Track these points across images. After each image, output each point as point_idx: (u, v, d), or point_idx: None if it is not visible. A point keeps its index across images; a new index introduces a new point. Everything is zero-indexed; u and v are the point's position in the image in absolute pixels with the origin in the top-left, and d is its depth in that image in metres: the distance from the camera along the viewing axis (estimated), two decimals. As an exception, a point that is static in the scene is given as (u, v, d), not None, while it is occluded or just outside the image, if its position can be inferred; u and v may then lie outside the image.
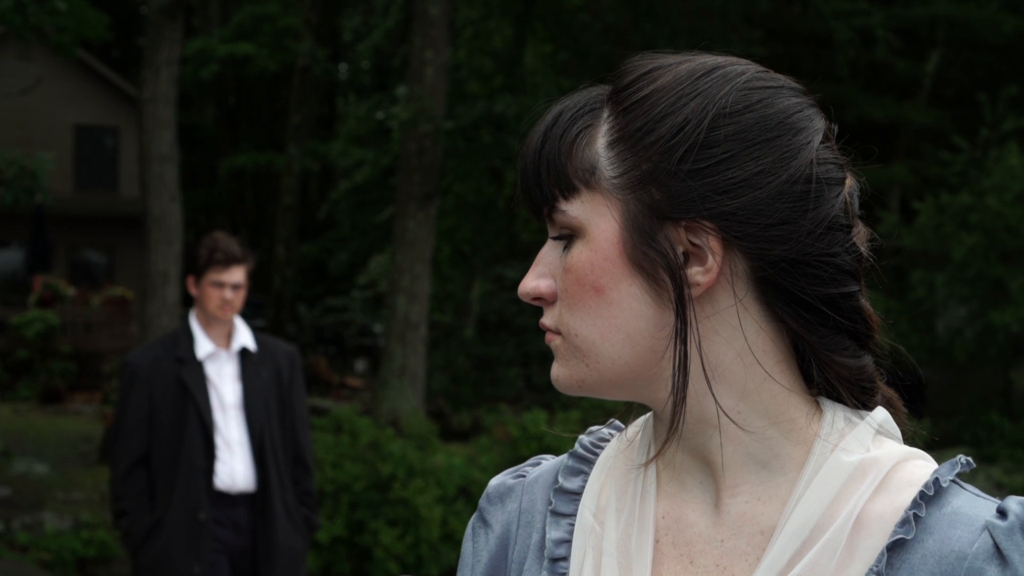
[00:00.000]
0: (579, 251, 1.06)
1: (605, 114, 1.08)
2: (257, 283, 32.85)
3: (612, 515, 1.12)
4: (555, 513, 1.16)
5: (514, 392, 18.50)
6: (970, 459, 1.07)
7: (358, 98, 25.52)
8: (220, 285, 4.66)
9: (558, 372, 1.10)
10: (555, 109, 1.10)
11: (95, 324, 19.80)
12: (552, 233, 1.10)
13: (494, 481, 1.24)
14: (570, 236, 1.08)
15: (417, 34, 14.24)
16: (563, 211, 1.07)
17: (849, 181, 1.10)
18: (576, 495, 1.16)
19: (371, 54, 25.15)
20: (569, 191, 1.07)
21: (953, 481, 1.05)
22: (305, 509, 4.91)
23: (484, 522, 1.22)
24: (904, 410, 1.13)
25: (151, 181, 12.89)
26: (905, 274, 18.05)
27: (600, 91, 1.10)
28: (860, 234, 1.09)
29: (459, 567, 1.23)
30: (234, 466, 4.70)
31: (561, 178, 1.07)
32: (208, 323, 4.76)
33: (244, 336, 4.83)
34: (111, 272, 26.99)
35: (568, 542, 1.14)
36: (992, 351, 16.84)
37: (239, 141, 31.11)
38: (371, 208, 22.13)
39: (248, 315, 25.24)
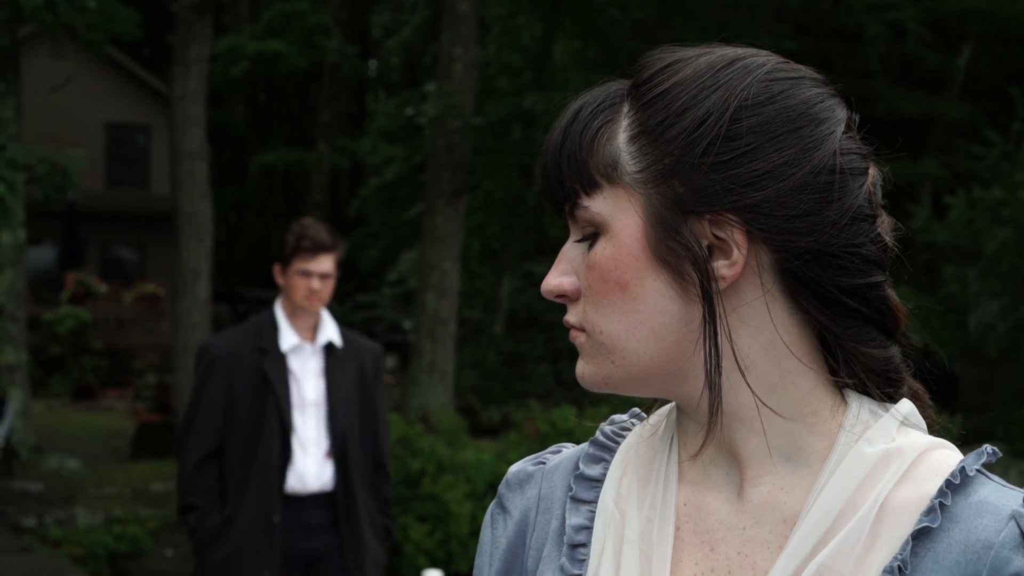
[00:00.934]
0: (602, 247, 1.06)
1: (625, 109, 1.07)
2: (287, 280, 32.84)
3: (634, 502, 1.11)
4: (575, 499, 1.16)
5: (543, 388, 18.49)
6: (996, 449, 1.07)
7: (388, 95, 25.57)
8: (307, 274, 4.38)
9: (583, 369, 1.10)
10: (574, 105, 1.10)
11: (127, 321, 19.90)
12: (574, 230, 1.10)
13: (514, 468, 1.24)
14: (593, 232, 1.07)
15: (446, 31, 14.24)
16: (585, 207, 1.07)
17: (872, 171, 1.09)
18: (597, 482, 1.16)
19: (400, 51, 25.18)
20: (591, 187, 1.06)
21: (979, 471, 1.05)
22: (383, 517, 4.65)
23: (503, 508, 1.22)
24: (930, 403, 1.13)
25: (182, 178, 12.95)
26: (937, 269, 17.94)
27: (620, 86, 1.10)
28: (884, 224, 1.09)
29: (478, 553, 1.23)
30: (306, 466, 4.42)
31: (583, 174, 1.06)
32: (294, 314, 4.47)
33: (330, 330, 4.54)
34: (142, 269, 27.13)
35: (588, 528, 1.13)
36: (1025, 347, 16.70)
37: (269, 138, 31.22)
38: (401, 205, 22.15)
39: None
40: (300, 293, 4.39)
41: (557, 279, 1.10)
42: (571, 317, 1.10)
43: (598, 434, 1.20)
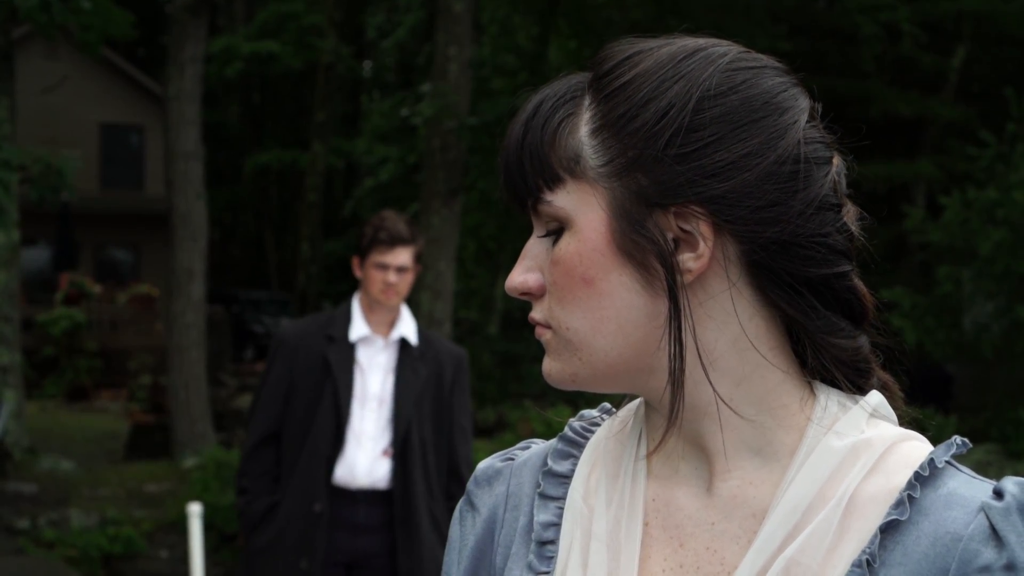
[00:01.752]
0: (567, 242, 1.05)
1: (587, 102, 1.06)
2: (282, 281, 32.69)
3: (602, 499, 1.10)
4: (543, 496, 1.14)
5: (539, 388, 18.47)
6: (966, 440, 1.06)
7: (382, 95, 25.54)
8: (383, 267, 4.28)
9: (550, 366, 1.09)
10: (535, 99, 1.09)
11: (121, 322, 19.90)
12: (537, 225, 1.09)
13: (482, 464, 1.22)
14: (557, 228, 1.06)
15: (441, 31, 14.24)
16: (548, 202, 1.05)
17: (836, 160, 1.08)
18: (565, 478, 1.14)
19: (395, 51, 25.18)
20: (554, 181, 1.05)
21: (949, 463, 1.04)
22: None
23: (471, 505, 1.21)
24: (900, 394, 1.12)
25: (176, 178, 12.94)
26: (932, 269, 17.96)
27: (580, 78, 1.09)
28: (850, 213, 1.08)
29: (446, 551, 1.21)
30: (356, 460, 4.29)
31: (545, 168, 1.05)
32: (370, 308, 4.38)
33: (407, 327, 4.42)
34: (137, 270, 27.12)
35: (556, 525, 1.12)
36: (1019, 346, 16.71)
37: (264, 139, 31.18)
38: (396, 205, 22.14)
39: (274, 312, 25.32)
40: (376, 286, 4.30)
41: (521, 276, 1.08)
42: (536, 314, 1.09)
43: (567, 430, 1.19)
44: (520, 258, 1.10)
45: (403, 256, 4.31)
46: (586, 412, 1.20)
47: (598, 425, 1.19)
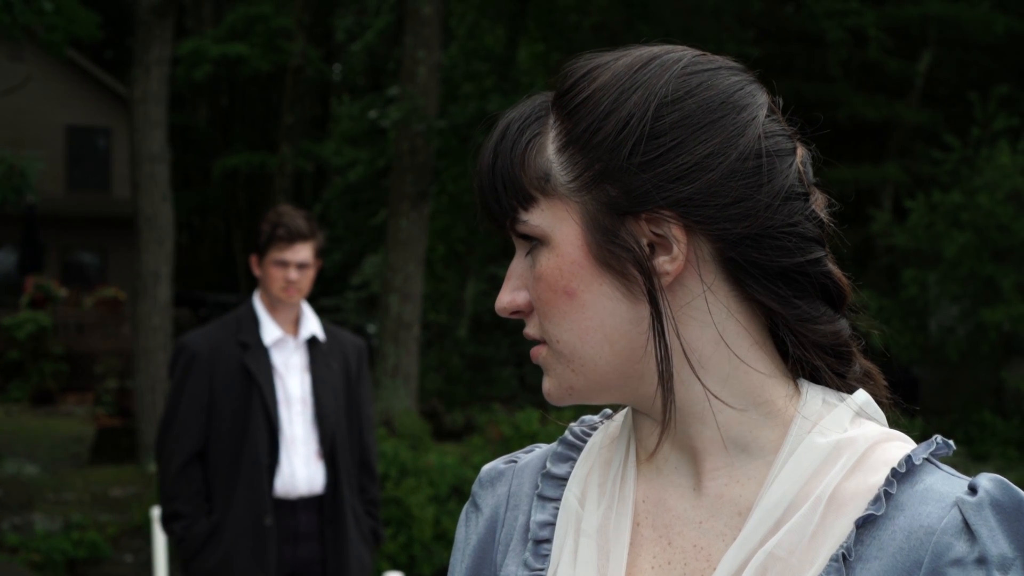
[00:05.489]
0: (546, 258, 1.08)
1: (551, 120, 1.09)
2: (250, 284, 32.61)
3: (593, 499, 1.13)
4: (541, 497, 1.18)
5: (508, 391, 18.49)
6: (947, 440, 1.08)
7: (351, 98, 25.47)
8: (283, 264, 4.18)
9: (548, 384, 1.12)
10: (502, 123, 1.12)
11: (87, 325, 19.74)
12: (518, 245, 1.12)
13: (486, 467, 1.27)
14: (535, 245, 1.09)
15: (409, 34, 14.23)
16: (524, 221, 1.09)
17: (800, 150, 1.11)
18: (563, 480, 1.18)
19: (364, 54, 25.14)
20: (527, 201, 1.08)
21: (928, 460, 1.06)
22: (371, 520, 4.46)
23: (475, 506, 1.25)
24: (884, 383, 1.14)
25: (142, 181, 12.88)
26: (897, 273, 18.07)
27: (544, 98, 1.12)
28: (819, 201, 1.11)
29: (452, 551, 1.25)
30: (295, 468, 4.22)
31: (518, 190, 1.08)
32: (273, 307, 4.27)
33: (312, 323, 4.35)
34: (103, 273, 26.92)
35: (552, 525, 1.15)
36: (984, 349, 16.86)
37: (232, 142, 31.06)
38: (364, 208, 22.10)
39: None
40: (277, 284, 4.20)
41: (509, 296, 1.12)
42: (530, 329, 1.12)
43: (567, 433, 1.22)
44: (506, 279, 1.13)
45: (303, 252, 4.22)
46: (587, 417, 1.24)
47: (596, 429, 1.22)
